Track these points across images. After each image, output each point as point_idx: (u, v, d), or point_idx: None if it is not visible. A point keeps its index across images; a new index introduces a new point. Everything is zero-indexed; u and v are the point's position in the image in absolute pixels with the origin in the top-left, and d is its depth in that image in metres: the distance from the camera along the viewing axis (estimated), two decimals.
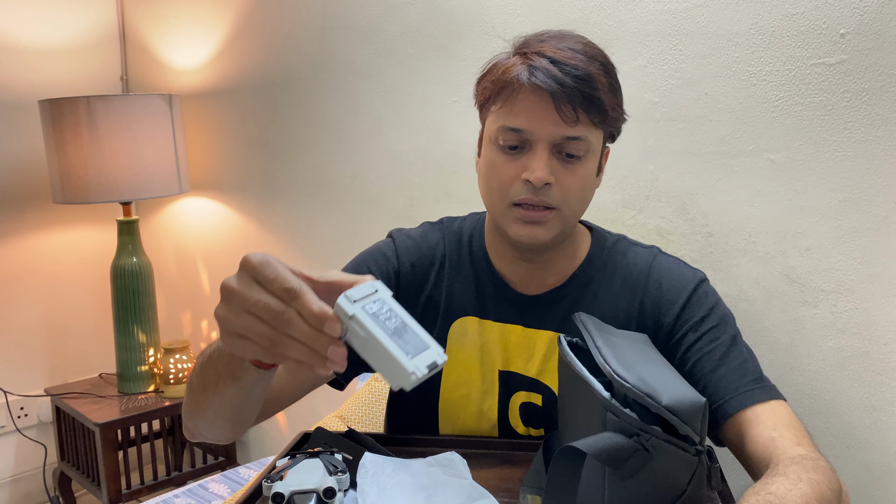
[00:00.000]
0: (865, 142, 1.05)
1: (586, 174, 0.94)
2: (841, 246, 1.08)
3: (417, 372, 0.59)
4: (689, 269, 1.02)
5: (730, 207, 1.19)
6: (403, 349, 0.59)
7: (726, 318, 0.98)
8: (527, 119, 0.91)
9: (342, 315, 0.59)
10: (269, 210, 2.11)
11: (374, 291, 0.62)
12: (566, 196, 0.93)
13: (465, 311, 1.06)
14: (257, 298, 0.61)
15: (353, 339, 0.60)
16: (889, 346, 1.05)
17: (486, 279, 1.06)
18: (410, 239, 1.09)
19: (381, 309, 0.61)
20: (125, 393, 2.21)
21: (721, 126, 1.18)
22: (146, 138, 2.03)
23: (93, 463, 2.08)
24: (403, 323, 0.62)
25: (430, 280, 1.07)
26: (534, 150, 0.92)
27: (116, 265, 2.18)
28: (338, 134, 1.86)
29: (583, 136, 0.91)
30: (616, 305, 1.00)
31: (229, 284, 0.63)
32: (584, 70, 0.89)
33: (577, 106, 0.89)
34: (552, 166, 0.91)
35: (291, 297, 0.60)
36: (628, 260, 1.03)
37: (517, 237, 0.95)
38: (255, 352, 0.63)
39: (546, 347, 1.02)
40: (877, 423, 1.07)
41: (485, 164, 0.98)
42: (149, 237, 2.47)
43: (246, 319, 0.62)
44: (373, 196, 1.80)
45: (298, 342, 0.60)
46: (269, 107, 2.05)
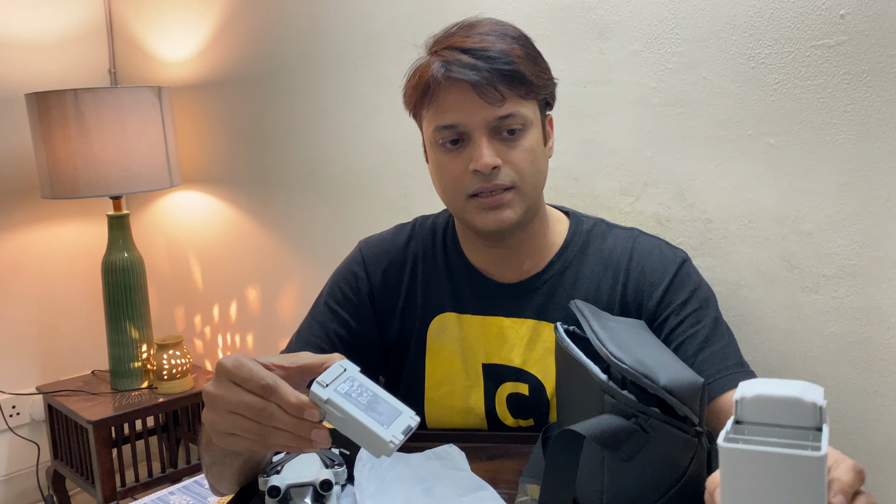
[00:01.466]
0: (866, 124, 1.03)
1: (531, 146, 0.95)
2: (842, 230, 1.07)
3: (395, 440, 0.65)
4: (670, 249, 1.02)
5: (729, 193, 1.17)
6: (378, 421, 0.65)
7: (709, 300, 0.98)
8: (455, 113, 0.92)
9: (318, 401, 0.65)
10: (262, 203, 2.09)
11: (342, 371, 0.69)
12: (518, 172, 0.94)
13: (442, 308, 1.05)
14: (239, 399, 0.66)
15: (332, 419, 0.66)
16: (891, 332, 1.04)
17: (462, 273, 1.05)
18: (379, 245, 1.10)
19: (352, 387, 0.67)
20: (118, 390, 2.18)
21: (719, 110, 1.17)
22: (135, 131, 2.00)
23: (87, 461, 2.06)
24: (374, 395, 0.68)
25: (405, 282, 1.07)
26: (473, 139, 0.93)
27: (107, 260, 2.15)
28: (330, 124, 1.84)
29: (514, 111, 0.92)
30: (598, 289, 1.00)
31: (210, 390, 0.69)
32: (496, 49, 0.90)
33: (498, 85, 0.90)
34: (495, 148, 0.93)
35: (269, 392, 0.66)
36: (608, 243, 1.03)
37: (484, 226, 0.95)
38: (246, 445, 0.69)
39: (528, 336, 1.01)
40: (879, 409, 1.06)
41: (433, 168, 0.99)
42: (140, 232, 2.45)
43: (232, 419, 0.67)
44: (366, 187, 1.78)
45: (283, 431, 0.66)
46: (259, 98, 2.02)
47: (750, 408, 0.49)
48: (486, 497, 0.80)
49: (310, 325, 1.08)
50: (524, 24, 1.28)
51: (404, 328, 1.07)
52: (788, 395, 0.48)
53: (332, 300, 1.08)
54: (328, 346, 1.05)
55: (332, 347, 1.05)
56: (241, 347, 2.26)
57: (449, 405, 1.05)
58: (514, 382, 1.02)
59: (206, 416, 0.70)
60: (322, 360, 0.71)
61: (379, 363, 1.10)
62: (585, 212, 1.29)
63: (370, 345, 1.08)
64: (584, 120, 1.33)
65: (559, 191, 1.37)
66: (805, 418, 0.48)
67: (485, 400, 1.03)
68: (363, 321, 1.07)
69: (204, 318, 2.39)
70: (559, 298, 1.01)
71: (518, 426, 1.03)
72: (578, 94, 1.33)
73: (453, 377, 1.04)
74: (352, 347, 1.06)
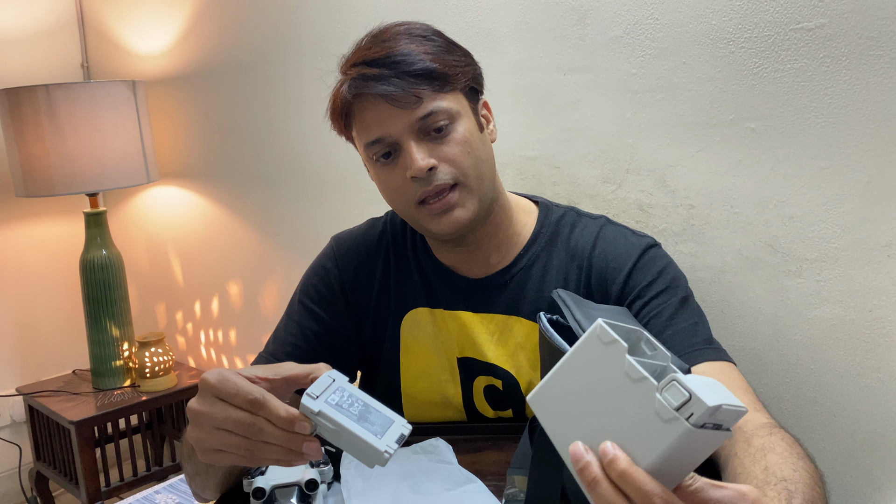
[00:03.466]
0: (846, 107, 1.03)
1: (465, 137, 0.92)
2: (824, 214, 1.07)
3: (389, 450, 0.64)
4: (636, 236, 1.00)
5: (711, 178, 1.17)
6: (371, 431, 0.64)
7: (677, 281, 0.96)
8: (377, 126, 0.91)
9: (308, 413, 0.64)
10: (242, 197, 2.06)
11: (331, 382, 0.67)
12: (457, 167, 0.91)
13: (415, 303, 1.04)
14: (226, 415, 0.65)
15: (323, 431, 0.64)
16: (874, 313, 1.04)
17: (431, 268, 1.04)
18: (351, 240, 1.09)
19: (343, 397, 0.66)
20: (100, 389, 2.16)
21: (700, 96, 1.16)
22: (110, 126, 1.97)
23: (69, 461, 2.04)
24: (365, 405, 0.66)
25: (378, 277, 1.06)
26: (402, 147, 0.91)
27: (85, 258, 2.12)
28: (309, 116, 1.81)
29: (433, 108, 0.90)
30: (566, 281, 0.99)
31: (195, 407, 0.67)
32: (395, 53, 0.89)
33: (410, 88, 0.88)
34: (427, 149, 0.91)
35: (257, 407, 0.64)
36: (575, 233, 1.01)
37: (441, 231, 0.94)
38: (234, 461, 0.67)
39: (498, 331, 1.00)
40: (863, 391, 1.07)
41: (377, 183, 0.98)
42: (118, 229, 2.41)
43: (219, 436, 0.66)
44: (348, 179, 1.76)
45: (273, 445, 0.64)
46: (236, 90, 1.99)
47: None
48: (474, 490, 0.79)
49: (286, 324, 1.06)
50: (502, 11, 1.27)
51: (378, 324, 1.06)
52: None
53: (305, 297, 1.07)
54: (305, 345, 1.03)
55: (309, 345, 1.03)
56: (223, 343, 2.24)
57: (427, 399, 1.04)
58: (486, 376, 1.02)
59: (192, 433, 0.68)
60: (307, 371, 0.70)
61: (356, 358, 1.09)
62: (568, 200, 1.29)
63: (346, 341, 1.06)
64: (564, 108, 1.32)
65: (542, 180, 1.37)
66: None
67: (462, 393, 1.03)
68: (338, 317, 1.06)
69: (185, 315, 2.36)
70: (528, 293, 1.00)
71: (499, 416, 1.03)
72: (559, 81, 1.32)
73: (429, 372, 1.04)
74: (328, 344, 1.05)
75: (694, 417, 0.45)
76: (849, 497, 1.09)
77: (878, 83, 1.00)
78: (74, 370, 2.35)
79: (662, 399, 0.46)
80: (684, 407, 0.46)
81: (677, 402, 0.46)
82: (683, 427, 0.45)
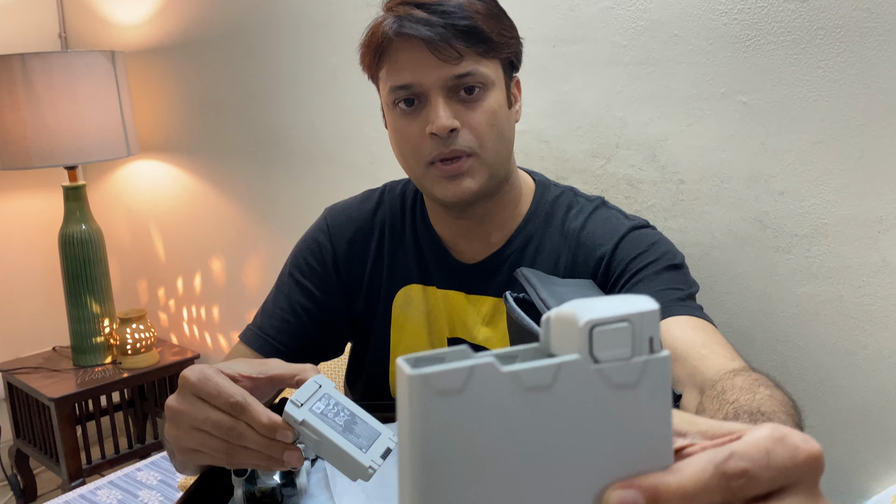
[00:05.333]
0: (839, 81, 1.01)
1: (493, 108, 0.89)
2: (814, 189, 1.06)
3: (374, 465, 0.61)
4: (626, 218, 0.97)
5: (701, 153, 1.16)
6: (356, 444, 0.61)
7: (666, 255, 0.92)
8: (410, 72, 0.87)
9: (292, 421, 0.61)
10: (224, 172, 2.03)
11: (318, 388, 0.64)
12: (478, 137, 0.88)
13: (409, 279, 1.02)
14: (205, 416, 0.62)
15: (306, 440, 0.62)
16: (862, 290, 1.04)
17: (428, 245, 1.01)
18: (345, 212, 1.05)
19: (328, 406, 0.63)
20: (81, 366, 2.13)
21: (691, 69, 1.14)
22: (88, 98, 1.92)
23: (50, 439, 2.01)
24: (352, 414, 0.64)
25: (371, 251, 1.03)
26: (429, 100, 0.87)
27: (64, 233, 2.08)
28: (293, 89, 1.78)
29: (472, 70, 0.86)
30: (557, 263, 0.96)
31: (174, 406, 0.64)
32: (452, 4, 0.85)
33: (454, 41, 0.84)
34: (453, 110, 0.87)
35: (238, 410, 0.62)
36: (570, 214, 0.98)
37: (444, 197, 0.90)
38: (211, 461, 0.65)
39: (490, 313, 0.98)
40: (850, 367, 1.06)
41: (391, 133, 0.94)
42: (98, 203, 2.37)
43: (197, 436, 0.64)
44: (332, 153, 1.73)
45: (253, 450, 0.62)
46: (218, 62, 1.95)
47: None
48: None
49: (275, 298, 1.04)
50: None
51: (370, 299, 1.04)
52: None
53: (296, 271, 1.04)
54: (294, 319, 1.01)
55: (298, 320, 1.01)
56: (206, 320, 2.21)
57: None
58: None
59: (169, 432, 0.66)
60: (294, 372, 0.67)
61: (346, 334, 1.07)
62: (556, 176, 1.26)
63: (337, 316, 1.04)
64: (554, 80, 1.30)
65: (529, 154, 1.34)
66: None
67: None
68: (329, 292, 1.03)
69: (168, 291, 2.33)
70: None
71: None
72: (548, 53, 1.29)
73: (420, 349, 1.01)
74: (318, 319, 1.02)
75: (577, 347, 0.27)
76: (834, 474, 1.09)
77: (872, 56, 0.98)
78: (54, 347, 2.32)
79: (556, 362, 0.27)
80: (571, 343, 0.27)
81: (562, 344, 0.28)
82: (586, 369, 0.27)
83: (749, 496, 0.27)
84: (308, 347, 1.02)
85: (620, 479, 0.27)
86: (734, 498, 0.27)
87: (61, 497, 1.53)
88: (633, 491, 0.27)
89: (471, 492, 0.26)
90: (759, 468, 0.27)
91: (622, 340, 0.27)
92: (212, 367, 0.65)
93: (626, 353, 0.27)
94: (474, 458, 0.26)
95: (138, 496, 1.51)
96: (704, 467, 0.27)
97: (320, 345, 1.04)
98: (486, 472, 0.26)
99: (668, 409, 0.28)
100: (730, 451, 0.27)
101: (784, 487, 0.28)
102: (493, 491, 0.26)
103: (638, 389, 0.28)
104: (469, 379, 0.26)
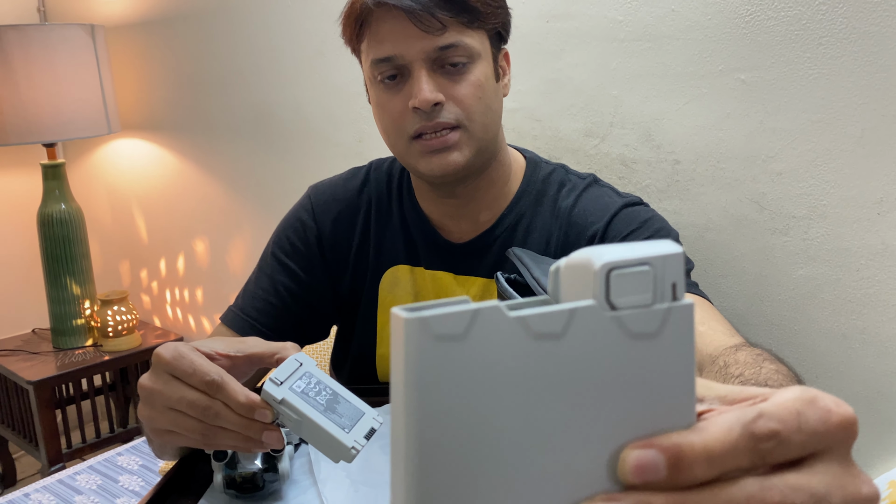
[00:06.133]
0: (841, 57, 0.99)
1: (480, 81, 0.85)
2: (813, 169, 1.03)
3: (357, 445, 0.59)
4: (618, 196, 0.95)
5: (698, 132, 1.13)
6: (339, 424, 0.59)
7: (659, 231, 0.90)
8: (391, 44, 0.83)
9: (270, 400, 0.59)
10: (207, 150, 1.98)
11: (298, 366, 0.62)
12: (464, 109, 0.85)
13: (396, 260, 0.99)
14: (180, 396, 0.60)
15: (286, 421, 0.60)
16: (861, 273, 1.02)
17: (415, 225, 0.98)
18: (330, 191, 1.02)
19: (310, 384, 0.61)
20: (61, 348, 2.09)
21: (689, 45, 1.11)
22: (67, 73, 1.87)
23: (29, 423, 1.97)
24: (334, 394, 0.61)
25: (357, 231, 1.00)
26: (412, 73, 0.84)
27: (43, 213, 2.03)
28: (278, 65, 1.73)
29: (456, 41, 0.83)
30: (548, 242, 0.94)
31: (146, 384, 0.62)
32: None
33: (437, 11, 0.81)
34: (438, 83, 0.84)
35: (214, 389, 0.59)
36: (561, 192, 0.95)
37: (429, 171, 0.86)
38: (187, 443, 0.63)
39: (479, 294, 0.96)
40: (847, 352, 1.04)
41: (375, 108, 0.90)
42: (78, 182, 2.32)
43: (171, 416, 0.61)
44: (318, 132, 1.69)
45: (230, 431, 0.60)
46: (202, 37, 1.90)
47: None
48: None
49: (257, 279, 1.01)
50: None
51: (356, 280, 1.01)
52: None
53: (279, 251, 1.01)
54: (277, 300, 0.98)
55: (281, 301, 0.98)
56: (190, 302, 2.17)
57: None
58: None
59: (142, 412, 0.64)
60: (273, 350, 0.65)
61: (332, 316, 1.04)
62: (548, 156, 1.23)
63: (322, 298, 1.01)
64: (547, 57, 1.26)
65: (521, 133, 1.31)
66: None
67: None
68: (313, 273, 1.00)
69: (150, 273, 2.29)
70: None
71: None
72: (541, 29, 1.26)
73: None
74: (302, 301, 0.99)
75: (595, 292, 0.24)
76: None
77: (875, 32, 0.95)
78: (34, 329, 2.27)
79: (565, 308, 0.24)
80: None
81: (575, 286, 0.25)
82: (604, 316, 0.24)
83: (778, 460, 0.24)
84: (291, 330, 0.99)
85: (638, 437, 0.24)
86: (762, 462, 0.24)
87: (40, 482, 1.49)
88: (652, 451, 0.24)
89: (471, 450, 0.23)
90: (790, 431, 0.24)
91: (642, 285, 0.24)
92: (187, 345, 0.63)
93: (646, 299, 0.24)
94: (476, 412, 0.23)
95: (118, 481, 1.48)
96: (731, 427, 0.24)
97: (304, 327, 1.01)
98: (489, 428, 0.23)
99: (691, 362, 0.25)
100: (758, 410, 0.24)
101: (815, 453, 0.25)
102: (496, 449, 0.23)
103: (658, 340, 0.25)
104: (472, 323, 0.23)
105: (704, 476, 0.23)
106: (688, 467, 0.23)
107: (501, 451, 0.23)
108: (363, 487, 0.73)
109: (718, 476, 0.24)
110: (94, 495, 1.43)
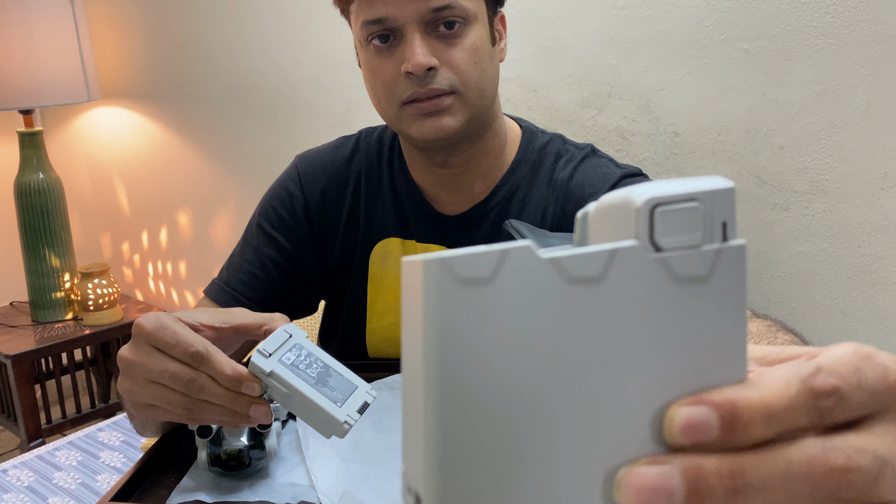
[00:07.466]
0: (848, 27, 0.96)
1: (475, 44, 0.82)
2: (816, 143, 1.01)
3: (350, 420, 0.56)
4: (616, 167, 0.92)
5: (698, 104, 1.10)
6: (331, 398, 0.57)
7: None
8: (383, 4, 0.79)
9: (258, 373, 0.56)
10: (191, 119, 1.93)
11: (288, 337, 0.60)
12: (459, 74, 0.81)
13: (386, 233, 0.95)
14: (162, 368, 0.57)
15: (275, 394, 0.57)
16: (862, 249, 1.00)
17: (406, 196, 0.94)
18: (318, 160, 0.98)
19: (300, 356, 0.59)
20: (40, 322, 2.04)
21: (691, 13, 1.08)
22: (44, 37, 1.80)
23: (7, 398, 1.93)
24: (325, 366, 0.59)
25: (346, 202, 0.96)
26: (404, 36, 0.80)
27: (20, 182, 1.97)
28: (263, 30, 1.68)
29: (451, 2, 0.79)
30: (544, 215, 0.91)
31: (127, 356, 0.59)
32: None
33: None
34: (431, 46, 0.80)
35: (199, 361, 0.57)
36: (558, 163, 0.92)
37: (422, 136, 0.83)
38: (170, 417, 0.60)
39: None
40: (846, 329, 1.03)
41: (365, 72, 0.86)
42: (57, 151, 2.25)
43: (154, 389, 0.58)
44: (305, 100, 1.64)
45: (216, 405, 0.57)
46: (185, 1, 1.84)
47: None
48: None
49: (242, 251, 0.97)
50: None
51: (345, 253, 0.97)
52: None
53: (265, 222, 0.97)
54: (262, 273, 0.94)
55: (267, 274, 0.94)
56: (173, 276, 2.13)
57: (393, 337, 0.97)
58: None
59: (122, 385, 0.60)
60: (261, 321, 0.62)
61: (320, 290, 1.01)
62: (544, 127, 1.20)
63: (309, 271, 0.97)
64: (543, 25, 1.22)
65: (516, 104, 1.28)
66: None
67: None
68: (301, 245, 0.96)
69: (132, 246, 2.24)
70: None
71: None
72: None
73: (397, 307, 0.96)
74: (289, 274, 0.96)
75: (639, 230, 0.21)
76: None
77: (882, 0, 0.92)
78: (11, 302, 2.22)
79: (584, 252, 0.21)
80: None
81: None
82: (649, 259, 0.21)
83: (837, 420, 0.22)
84: (278, 303, 0.95)
85: (687, 393, 0.22)
86: (821, 422, 0.22)
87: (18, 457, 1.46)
88: (704, 408, 0.21)
89: (498, 406, 0.20)
90: (850, 387, 0.22)
91: (691, 224, 0.21)
92: (170, 315, 0.59)
93: (695, 239, 0.21)
94: (504, 365, 0.20)
95: (99, 457, 1.45)
96: (790, 381, 0.21)
97: (291, 301, 0.98)
98: (518, 383, 0.20)
99: (742, 309, 0.22)
100: (816, 364, 0.22)
101: (872, 414, 0.22)
102: (525, 405, 0.20)
103: (708, 285, 0.22)
104: (500, 265, 0.20)
105: (762, 436, 0.21)
106: (744, 426, 0.21)
107: (531, 407, 0.21)
108: (353, 465, 0.71)
109: (776, 436, 0.21)
110: (74, 471, 1.40)
